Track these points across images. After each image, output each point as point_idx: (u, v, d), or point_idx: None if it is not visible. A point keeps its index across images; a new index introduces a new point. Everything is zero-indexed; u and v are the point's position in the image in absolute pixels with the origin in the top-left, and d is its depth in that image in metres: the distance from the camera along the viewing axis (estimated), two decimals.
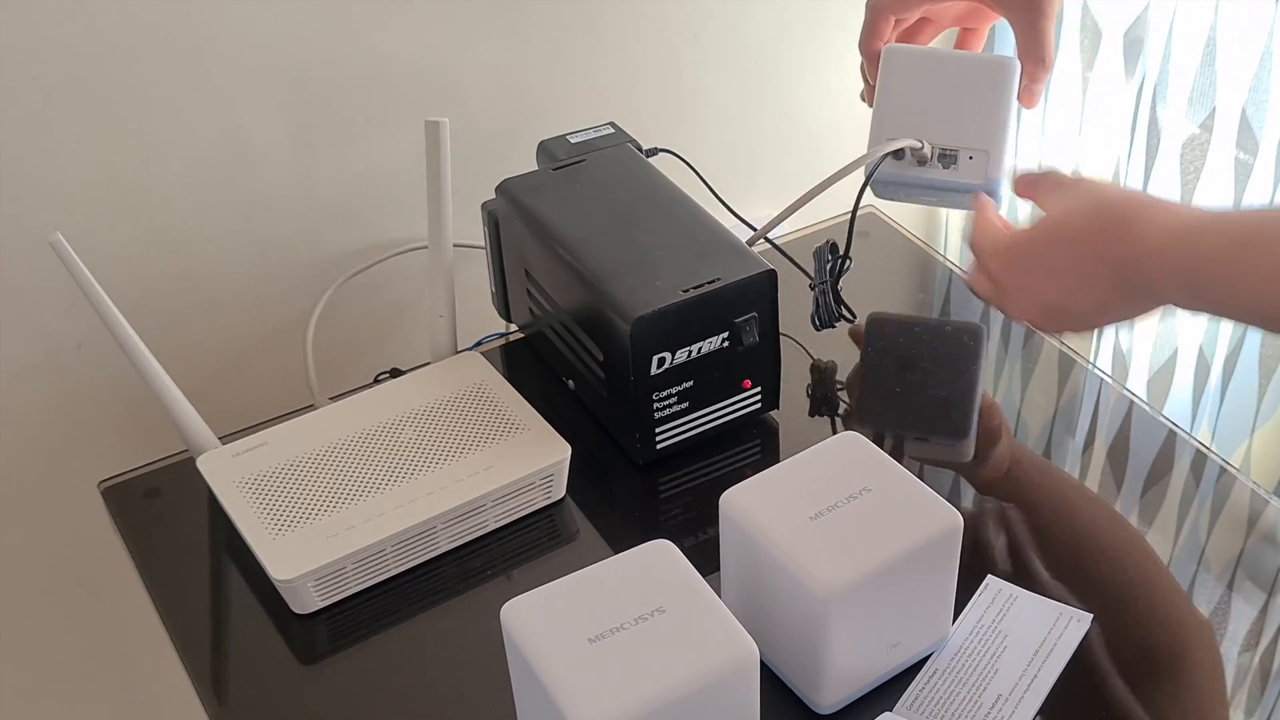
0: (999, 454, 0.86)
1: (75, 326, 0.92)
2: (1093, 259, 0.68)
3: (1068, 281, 0.70)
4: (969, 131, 0.81)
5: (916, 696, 0.69)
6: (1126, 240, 0.66)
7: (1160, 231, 0.65)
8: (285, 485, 0.78)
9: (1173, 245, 0.64)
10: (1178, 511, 0.84)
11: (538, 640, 0.59)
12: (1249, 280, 0.61)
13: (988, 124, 0.80)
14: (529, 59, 1.02)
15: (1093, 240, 0.68)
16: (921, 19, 0.84)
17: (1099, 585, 0.77)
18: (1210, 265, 0.63)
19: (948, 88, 0.81)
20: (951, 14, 0.84)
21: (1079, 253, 0.69)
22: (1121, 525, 0.83)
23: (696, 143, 1.03)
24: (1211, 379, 1.31)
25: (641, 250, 0.83)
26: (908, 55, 0.82)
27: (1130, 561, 0.81)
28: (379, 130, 0.98)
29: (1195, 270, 0.63)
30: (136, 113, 0.88)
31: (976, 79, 0.80)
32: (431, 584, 0.78)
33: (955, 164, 0.81)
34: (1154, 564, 0.81)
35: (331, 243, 1.01)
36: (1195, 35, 1.06)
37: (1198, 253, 0.63)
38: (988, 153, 0.80)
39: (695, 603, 0.60)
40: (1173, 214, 0.66)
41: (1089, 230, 0.69)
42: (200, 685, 0.73)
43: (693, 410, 0.83)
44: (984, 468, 0.85)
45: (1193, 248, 0.64)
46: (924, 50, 0.83)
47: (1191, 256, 0.63)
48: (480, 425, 0.82)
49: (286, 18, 0.90)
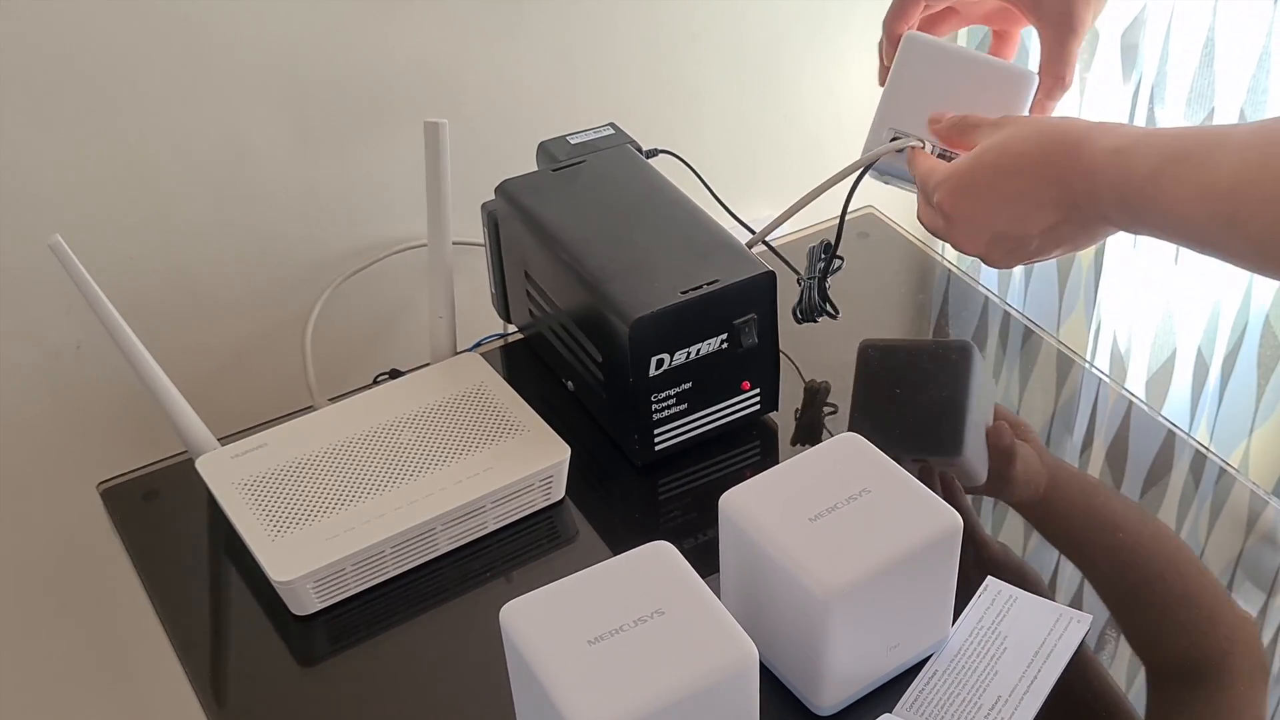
0: (1027, 474, 0.85)
1: (74, 328, 0.92)
2: (1041, 182, 0.67)
3: (1016, 208, 0.69)
4: None
5: (916, 698, 0.69)
6: (1073, 162, 0.65)
7: (1101, 150, 0.64)
8: (284, 487, 0.78)
9: (1111, 162, 0.64)
10: (1177, 512, 0.84)
11: (537, 642, 0.59)
12: (1175, 195, 0.60)
13: None
14: (529, 60, 1.02)
15: (1040, 164, 0.67)
16: (949, 9, 0.82)
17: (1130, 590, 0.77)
18: (1142, 181, 0.62)
19: (961, 88, 0.79)
20: (981, 10, 0.82)
21: (1026, 178, 0.68)
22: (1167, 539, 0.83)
23: (697, 144, 1.03)
24: (1210, 379, 1.31)
25: (640, 251, 0.83)
26: (927, 46, 0.80)
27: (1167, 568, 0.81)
28: (378, 131, 0.98)
29: (1129, 186, 0.63)
30: (136, 114, 0.88)
31: (991, 85, 0.79)
32: (431, 585, 0.78)
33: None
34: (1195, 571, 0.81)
35: (331, 244, 1.01)
36: (1194, 36, 1.06)
37: (1130, 169, 0.63)
38: None
39: (695, 604, 0.60)
40: (1114, 133, 0.65)
41: (1036, 155, 0.67)
42: (199, 687, 0.73)
43: (692, 411, 0.83)
44: (1013, 488, 0.84)
45: (1126, 165, 0.63)
46: (945, 45, 0.81)
47: (1125, 173, 0.63)
48: (480, 426, 0.82)
49: (286, 18, 0.90)
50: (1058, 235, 0.69)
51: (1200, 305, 1.26)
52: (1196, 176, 0.60)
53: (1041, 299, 1.32)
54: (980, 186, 0.70)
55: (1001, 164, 0.69)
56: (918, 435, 0.82)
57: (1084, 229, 0.68)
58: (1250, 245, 0.58)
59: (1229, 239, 0.59)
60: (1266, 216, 0.57)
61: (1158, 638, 0.75)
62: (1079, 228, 0.68)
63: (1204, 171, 0.59)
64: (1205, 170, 0.59)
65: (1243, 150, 0.58)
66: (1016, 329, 0.99)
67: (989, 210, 0.70)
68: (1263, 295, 1.18)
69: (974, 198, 0.70)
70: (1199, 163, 0.60)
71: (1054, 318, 1.32)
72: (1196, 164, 0.60)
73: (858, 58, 1.16)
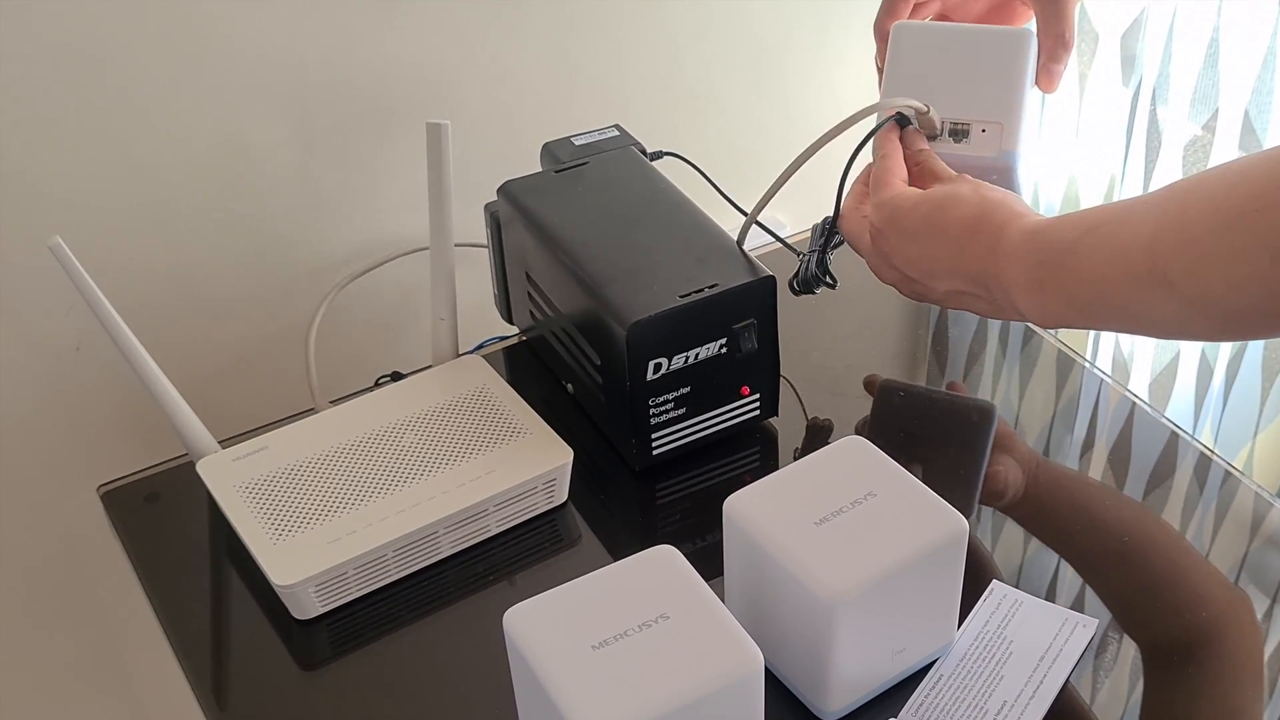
0: (1017, 492, 0.85)
1: (74, 329, 0.92)
2: (958, 253, 0.68)
3: (930, 265, 0.70)
4: (981, 104, 0.78)
5: (922, 703, 0.69)
6: (992, 245, 0.66)
7: (1020, 232, 0.65)
8: (286, 490, 0.78)
9: (1027, 243, 0.64)
10: (1181, 515, 0.83)
11: (541, 647, 0.59)
12: (1092, 261, 0.60)
13: (1001, 96, 0.78)
14: (534, 60, 1.02)
15: (963, 237, 0.68)
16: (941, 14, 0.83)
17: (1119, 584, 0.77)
18: (1060, 255, 0.62)
19: (960, 61, 0.78)
20: (975, 10, 0.82)
21: (948, 243, 0.69)
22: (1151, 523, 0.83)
23: (701, 145, 1.02)
24: (1214, 381, 1.31)
25: (640, 254, 0.83)
26: (918, 30, 0.80)
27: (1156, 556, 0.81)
28: (381, 132, 0.98)
29: (1045, 265, 0.63)
30: (137, 116, 0.88)
31: (990, 52, 0.78)
32: (433, 589, 0.78)
33: (967, 138, 0.78)
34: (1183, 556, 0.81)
35: (332, 246, 1.00)
36: (1198, 35, 1.06)
37: (1048, 247, 0.63)
38: (1001, 125, 0.77)
39: (699, 609, 0.60)
40: (1035, 218, 0.66)
41: (964, 225, 0.68)
42: (200, 691, 0.73)
43: (690, 416, 0.83)
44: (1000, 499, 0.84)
45: (1043, 244, 0.64)
46: (935, 25, 0.81)
47: (1041, 253, 0.63)
48: (482, 429, 0.82)
49: (288, 20, 0.90)
50: (961, 301, 0.71)
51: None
52: (1113, 240, 0.60)
53: None
54: (909, 230, 0.71)
55: (933, 219, 0.70)
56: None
57: (990, 306, 0.69)
58: (1173, 299, 0.57)
59: (1150, 296, 0.58)
60: (1186, 261, 0.56)
61: (1147, 618, 0.76)
62: (985, 304, 0.69)
63: (1121, 234, 0.60)
64: (1122, 233, 0.60)
65: (1157, 207, 0.59)
66: (1017, 329, 0.99)
67: (906, 253, 0.72)
68: None
69: (900, 236, 0.72)
70: (1115, 227, 0.60)
71: None
72: (1113, 229, 0.60)
73: (860, 57, 1.16)
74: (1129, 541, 0.81)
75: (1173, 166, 1.13)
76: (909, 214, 0.71)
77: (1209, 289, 0.56)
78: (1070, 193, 1.24)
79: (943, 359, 0.96)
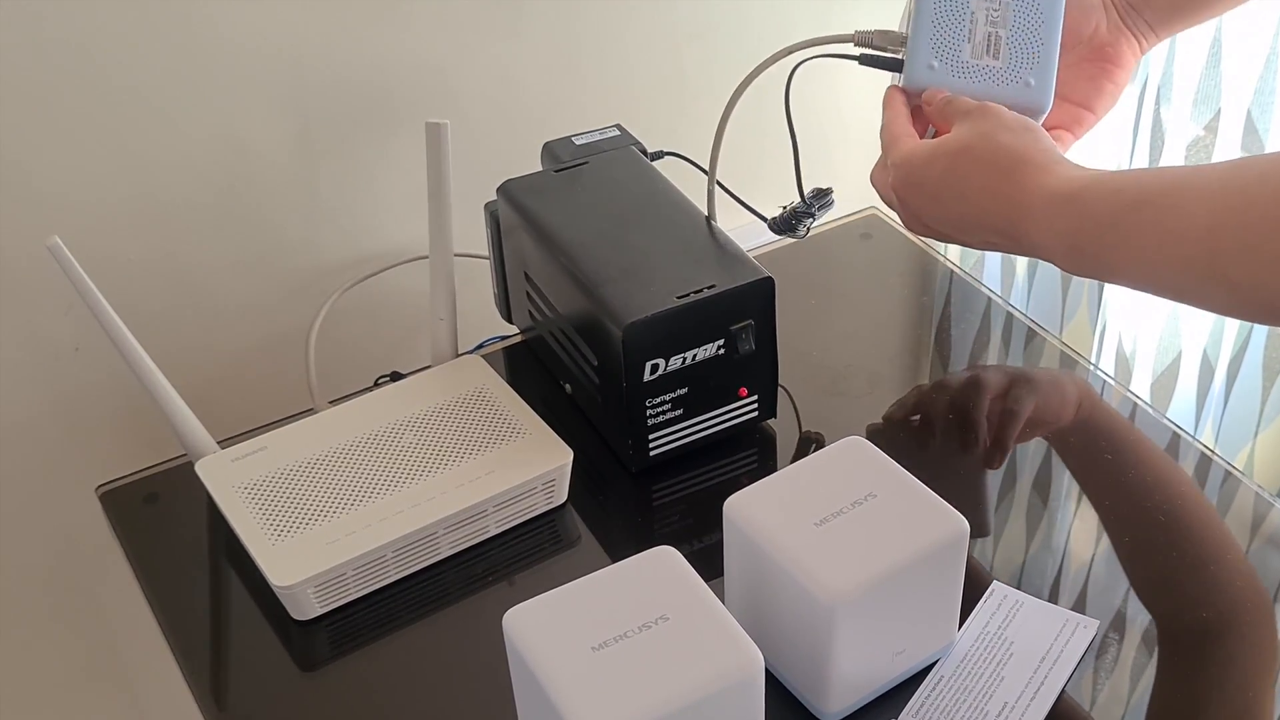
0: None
1: (73, 330, 0.92)
2: (980, 206, 0.68)
3: (955, 217, 0.71)
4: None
5: (922, 704, 0.68)
6: (1014, 200, 0.66)
7: (1048, 196, 0.65)
8: (285, 490, 0.78)
9: (1059, 210, 0.64)
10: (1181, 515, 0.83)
11: (541, 648, 0.59)
12: (1142, 242, 0.60)
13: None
14: (535, 60, 1.02)
15: (983, 189, 0.68)
16: None
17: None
18: (1097, 229, 0.62)
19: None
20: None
21: (969, 195, 0.69)
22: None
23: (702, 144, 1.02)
24: (1215, 382, 1.31)
25: (639, 255, 0.82)
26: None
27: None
28: (381, 132, 0.98)
29: (1081, 233, 0.63)
30: (136, 117, 0.88)
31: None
32: (433, 590, 0.77)
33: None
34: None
35: (332, 245, 1.00)
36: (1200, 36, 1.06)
37: (1083, 218, 0.63)
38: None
39: (699, 610, 0.60)
40: (1059, 176, 0.65)
41: (981, 177, 0.68)
42: (199, 692, 0.72)
43: (688, 417, 0.83)
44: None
45: (1078, 213, 0.63)
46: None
47: (1077, 221, 0.63)
48: (481, 429, 0.82)
49: (288, 19, 0.90)
50: (991, 246, 0.71)
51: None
52: (1161, 224, 0.59)
53: (1044, 300, 1.31)
54: (929, 191, 0.71)
55: (949, 180, 0.70)
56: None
57: (1018, 248, 0.69)
58: (1229, 294, 0.57)
59: (1203, 287, 0.58)
60: (1250, 265, 0.55)
61: (1166, 606, 0.76)
62: (1013, 247, 0.69)
63: (1170, 219, 0.59)
64: (1172, 219, 0.59)
65: (1212, 196, 0.57)
66: (1019, 330, 0.99)
67: (932, 212, 0.72)
68: None
69: (920, 194, 0.72)
70: (1163, 212, 0.59)
71: (1056, 319, 1.31)
72: (1160, 213, 0.59)
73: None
74: (1164, 520, 0.80)
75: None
76: (925, 173, 0.71)
77: (1270, 291, 0.55)
78: None
79: (945, 359, 0.96)
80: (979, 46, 0.77)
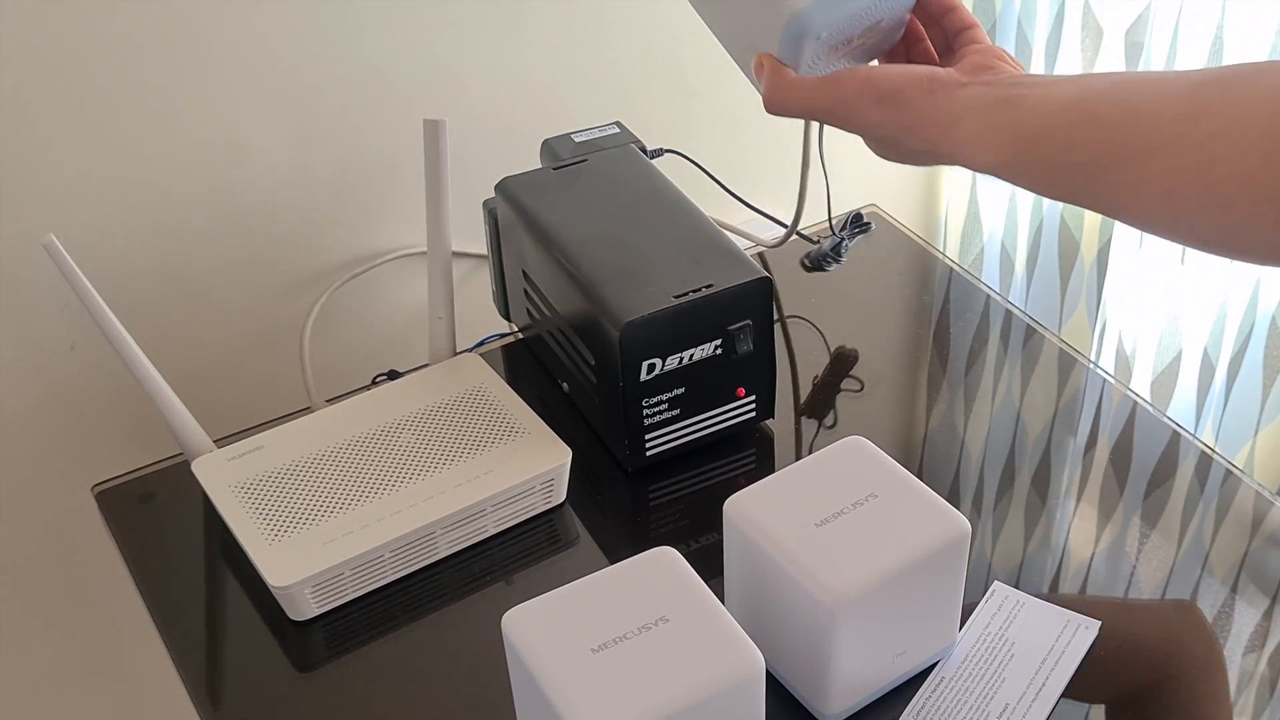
0: None
1: (69, 328, 0.91)
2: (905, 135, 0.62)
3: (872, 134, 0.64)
4: None
5: (923, 705, 0.68)
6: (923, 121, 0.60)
7: (965, 107, 0.59)
8: (282, 490, 0.78)
9: (987, 119, 0.58)
10: (1181, 514, 0.83)
11: (540, 650, 0.58)
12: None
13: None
14: (535, 57, 1.01)
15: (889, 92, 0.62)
16: None
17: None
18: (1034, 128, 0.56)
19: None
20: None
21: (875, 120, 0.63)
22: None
23: (702, 142, 1.02)
24: (1216, 380, 1.30)
25: (636, 254, 0.82)
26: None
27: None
28: (379, 130, 0.97)
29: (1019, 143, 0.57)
30: (132, 113, 0.87)
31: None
32: (430, 590, 0.77)
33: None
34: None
35: (329, 244, 1.00)
36: (1202, 33, 1.06)
37: (1017, 129, 0.57)
38: None
39: (699, 611, 0.60)
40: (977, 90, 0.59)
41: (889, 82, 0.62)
42: (195, 692, 0.72)
43: (685, 417, 0.82)
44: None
45: (1011, 122, 0.57)
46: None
47: (1010, 133, 0.57)
48: (480, 428, 0.82)
49: (284, 17, 0.89)
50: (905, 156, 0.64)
51: (1207, 306, 1.26)
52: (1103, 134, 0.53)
53: (1043, 298, 1.31)
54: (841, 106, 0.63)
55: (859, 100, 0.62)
56: None
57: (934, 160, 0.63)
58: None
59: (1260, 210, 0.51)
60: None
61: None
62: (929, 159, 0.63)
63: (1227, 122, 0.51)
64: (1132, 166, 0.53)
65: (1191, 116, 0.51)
66: (1018, 327, 0.98)
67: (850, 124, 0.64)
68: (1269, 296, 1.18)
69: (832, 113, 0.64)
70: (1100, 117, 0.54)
71: (1056, 317, 1.31)
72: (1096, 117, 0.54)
73: None
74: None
75: None
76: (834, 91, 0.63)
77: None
78: None
79: (944, 357, 0.96)
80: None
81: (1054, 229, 1.27)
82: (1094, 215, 1.24)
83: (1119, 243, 1.21)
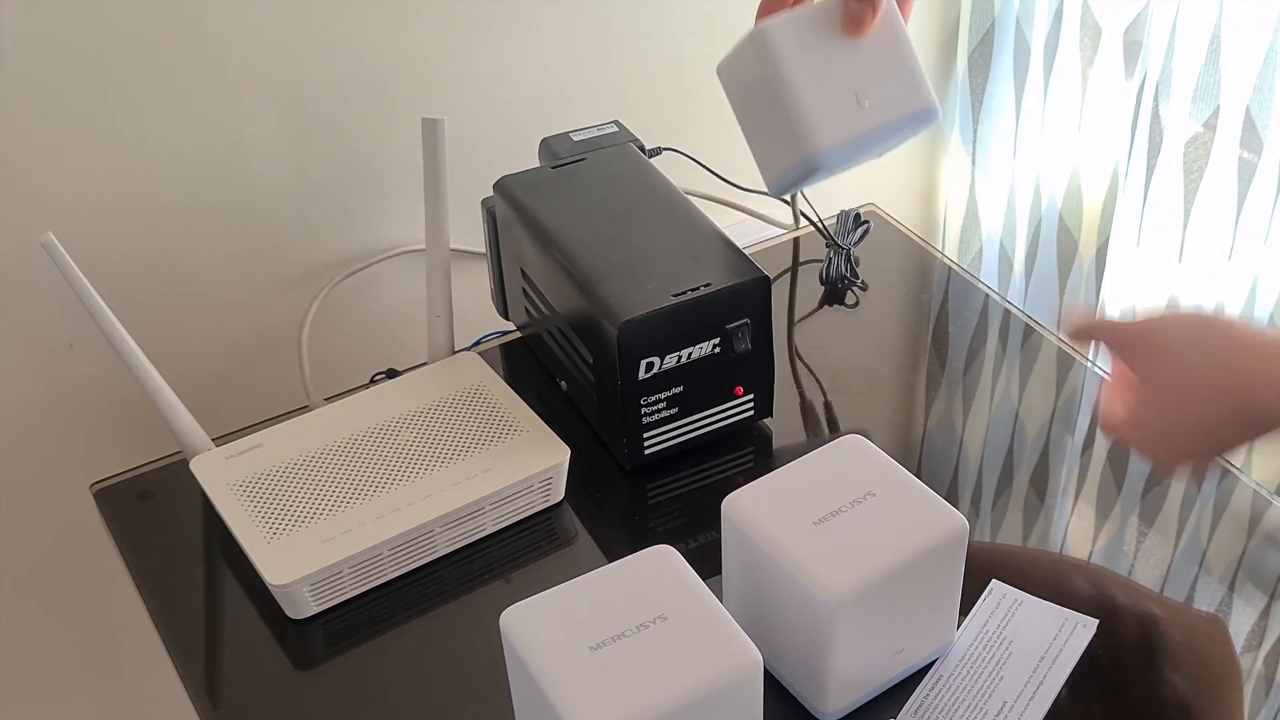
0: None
1: (67, 326, 0.91)
2: (1220, 411, 0.65)
3: (1204, 436, 0.66)
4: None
5: (921, 703, 0.68)
6: (1249, 381, 0.63)
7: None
8: (280, 488, 0.78)
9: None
10: (1179, 513, 0.83)
11: (538, 648, 0.58)
12: None
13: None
14: (533, 55, 1.01)
15: (1217, 395, 0.64)
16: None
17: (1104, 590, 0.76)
18: None
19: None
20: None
21: (1206, 409, 0.65)
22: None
23: (701, 141, 1.02)
24: None
25: (635, 253, 0.82)
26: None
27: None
28: (378, 129, 0.97)
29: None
30: (130, 112, 0.87)
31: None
32: (429, 588, 0.77)
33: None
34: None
35: (327, 242, 1.00)
36: (1199, 32, 1.06)
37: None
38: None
39: (697, 609, 0.60)
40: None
41: (1209, 387, 0.65)
42: (194, 691, 0.72)
43: (683, 416, 0.82)
44: None
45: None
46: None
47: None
48: (478, 427, 0.82)
49: (283, 14, 0.89)
50: (1242, 443, 0.67)
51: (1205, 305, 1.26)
52: None
53: (1042, 297, 1.31)
54: (1167, 426, 0.67)
55: (1178, 402, 0.66)
56: None
57: (1272, 436, 0.65)
58: None
59: None
60: None
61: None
62: (1266, 437, 0.65)
63: None
64: None
65: None
66: (1017, 326, 0.99)
67: (1182, 443, 0.68)
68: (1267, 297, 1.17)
69: (1163, 438, 0.68)
70: None
71: (1054, 316, 1.31)
72: None
73: None
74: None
75: (1173, 164, 1.12)
76: (1156, 413, 0.67)
77: None
78: (1073, 187, 1.23)
79: (943, 356, 0.96)
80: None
81: (1053, 228, 1.27)
82: (1092, 214, 1.24)
83: (1117, 242, 1.21)
